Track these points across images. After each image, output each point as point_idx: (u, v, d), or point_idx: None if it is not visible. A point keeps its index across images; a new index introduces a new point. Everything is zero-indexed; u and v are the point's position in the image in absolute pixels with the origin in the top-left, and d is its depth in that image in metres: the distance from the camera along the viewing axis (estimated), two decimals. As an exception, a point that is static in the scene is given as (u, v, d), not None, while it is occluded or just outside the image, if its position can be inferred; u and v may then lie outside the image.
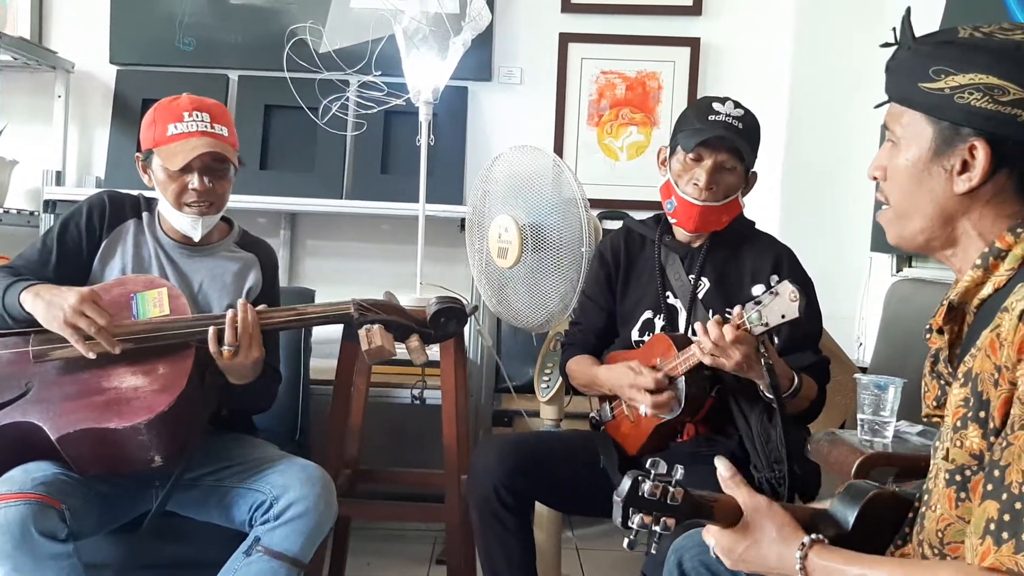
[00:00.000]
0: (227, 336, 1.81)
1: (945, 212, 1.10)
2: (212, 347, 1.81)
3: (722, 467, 1.20)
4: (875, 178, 1.18)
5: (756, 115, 2.03)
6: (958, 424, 1.02)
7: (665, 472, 1.11)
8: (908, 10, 1.14)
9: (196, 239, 2.01)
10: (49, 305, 1.75)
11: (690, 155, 1.98)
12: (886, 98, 1.16)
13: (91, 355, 1.75)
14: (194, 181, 1.93)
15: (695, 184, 1.99)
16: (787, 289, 1.67)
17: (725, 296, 2.01)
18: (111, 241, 2.01)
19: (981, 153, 1.04)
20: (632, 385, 1.93)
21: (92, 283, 1.94)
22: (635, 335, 2.11)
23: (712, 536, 1.18)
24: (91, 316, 1.74)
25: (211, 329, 1.81)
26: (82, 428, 1.71)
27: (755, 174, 2.06)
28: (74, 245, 1.98)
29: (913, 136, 1.10)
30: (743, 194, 2.06)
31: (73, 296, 1.74)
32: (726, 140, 1.95)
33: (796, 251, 2.07)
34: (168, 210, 1.99)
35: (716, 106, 1.99)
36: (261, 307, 1.89)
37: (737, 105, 2.01)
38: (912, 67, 1.09)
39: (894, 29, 1.14)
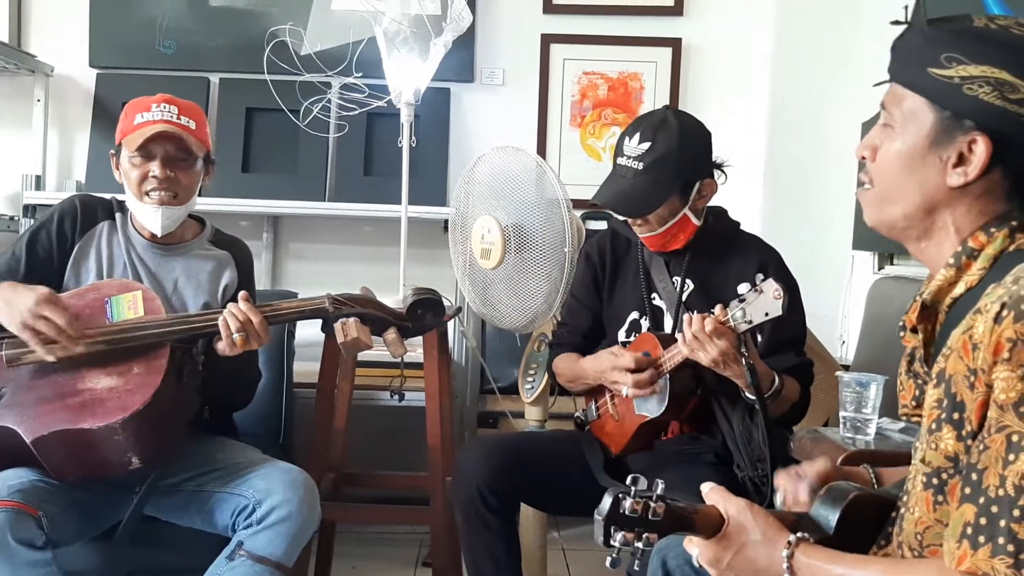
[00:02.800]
0: (233, 326, 1.80)
1: (931, 203, 1.08)
2: (224, 332, 1.81)
3: (704, 488, 1.20)
4: (863, 158, 1.15)
5: (683, 130, 1.94)
6: (933, 426, 1.01)
7: (646, 487, 1.09)
8: None
9: (159, 233, 1.98)
10: (8, 305, 1.73)
11: None
12: (887, 77, 1.12)
13: (50, 358, 1.74)
14: (155, 168, 1.93)
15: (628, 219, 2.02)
16: (771, 287, 1.67)
17: (710, 298, 1.99)
18: (83, 245, 1.99)
19: (981, 148, 1.02)
20: (613, 367, 1.93)
21: (66, 289, 1.93)
22: (622, 336, 2.11)
23: (696, 547, 1.16)
24: (50, 317, 1.72)
25: (220, 319, 1.81)
26: (57, 430, 1.70)
27: (711, 184, 2.00)
28: (45, 252, 1.96)
29: (912, 121, 1.07)
30: (696, 208, 2.00)
31: (31, 297, 1.72)
32: (608, 199, 1.95)
33: (778, 250, 2.07)
34: (132, 202, 1.98)
35: (625, 144, 1.96)
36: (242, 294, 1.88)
37: (646, 137, 1.93)
38: (923, 50, 1.06)
39: (906, 8, 1.11)
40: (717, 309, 1.76)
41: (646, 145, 1.93)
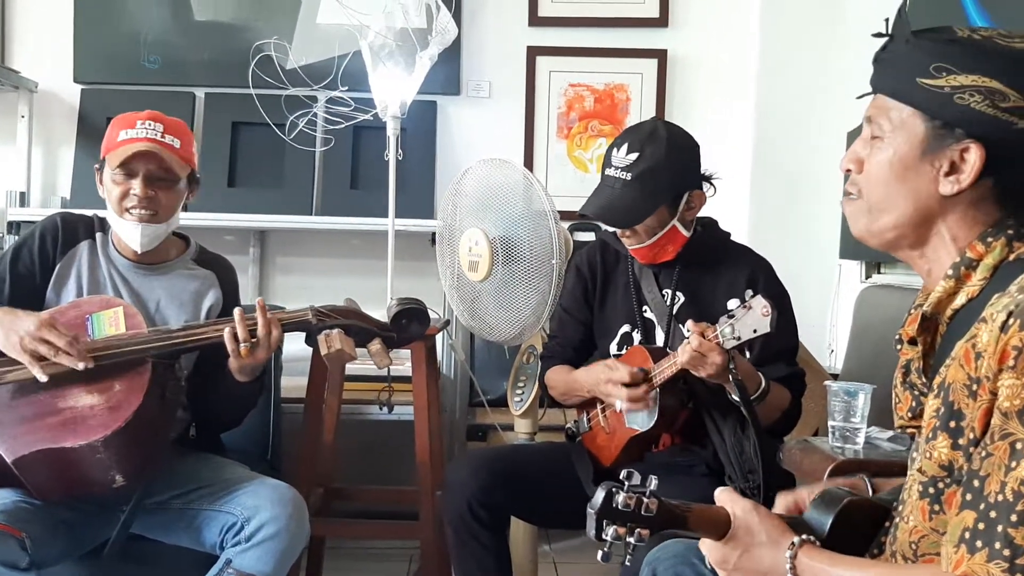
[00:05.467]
0: (241, 333, 1.81)
1: (924, 212, 1.08)
2: (230, 346, 1.81)
3: (717, 492, 1.20)
4: (848, 170, 1.15)
5: (671, 141, 1.94)
6: (929, 435, 1.01)
7: (639, 483, 1.09)
8: (905, 2, 1.11)
9: (139, 249, 1.97)
10: (8, 331, 1.73)
11: None
12: (870, 90, 1.13)
13: (44, 377, 1.73)
14: (136, 186, 1.92)
15: (616, 231, 2.01)
16: (760, 303, 1.67)
17: (700, 310, 1.99)
18: (64, 265, 1.98)
19: (974, 156, 1.03)
20: (608, 380, 1.92)
21: (47, 308, 1.91)
22: (613, 349, 2.10)
23: (705, 548, 1.17)
24: (51, 340, 1.72)
25: (227, 330, 1.81)
26: (38, 449, 1.68)
27: (700, 195, 2.00)
28: (27, 271, 1.95)
29: (902, 131, 1.07)
30: (685, 219, 2.00)
31: (31, 322, 1.73)
32: (596, 211, 1.95)
33: (768, 261, 2.07)
34: (112, 218, 1.97)
35: (613, 155, 1.95)
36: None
37: (634, 148, 1.93)
38: (911, 61, 1.06)
39: (887, 20, 1.11)
40: (690, 324, 1.76)
41: (634, 156, 1.93)
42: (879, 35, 1.11)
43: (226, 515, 1.82)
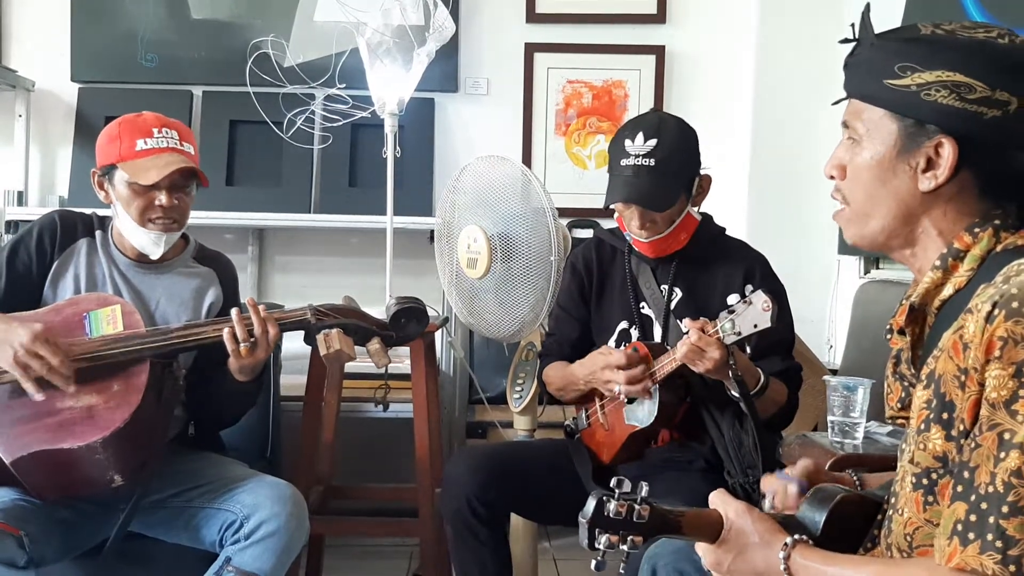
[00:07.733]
0: (240, 333, 1.80)
1: (907, 210, 1.09)
2: (230, 346, 1.81)
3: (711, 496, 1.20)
4: (832, 176, 1.17)
5: (679, 126, 1.98)
6: (922, 427, 1.02)
7: (630, 490, 1.09)
8: (867, 6, 1.12)
9: (156, 257, 1.96)
10: (1, 343, 1.70)
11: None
12: (844, 95, 1.15)
13: (39, 397, 1.71)
14: (162, 198, 1.90)
15: (633, 225, 2.00)
16: (760, 299, 1.68)
17: (698, 306, 2.00)
18: (62, 262, 1.96)
19: (947, 150, 1.04)
20: (604, 366, 1.92)
21: (44, 306, 1.90)
22: (611, 346, 2.10)
23: (700, 552, 1.18)
24: (44, 356, 1.70)
25: (226, 330, 1.81)
26: (36, 450, 1.67)
27: (708, 178, 2.03)
28: (24, 269, 1.93)
29: (877, 133, 1.09)
30: (697, 203, 2.03)
31: (26, 334, 1.70)
32: (631, 197, 1.93)
33: (764, 255, 2.07)
34: (129, 227, 1.94)
35: (627, 145, 1.95)
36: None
37: (650, 135, 1.94)
38: (876, 63, 1.08)
39: (852, 26, 1.13)
40: (687, 322, 1.76)
41: (653, 142, 1.93)
42: (846, 40, 1.13)
43: (225, 513, 1.83)
